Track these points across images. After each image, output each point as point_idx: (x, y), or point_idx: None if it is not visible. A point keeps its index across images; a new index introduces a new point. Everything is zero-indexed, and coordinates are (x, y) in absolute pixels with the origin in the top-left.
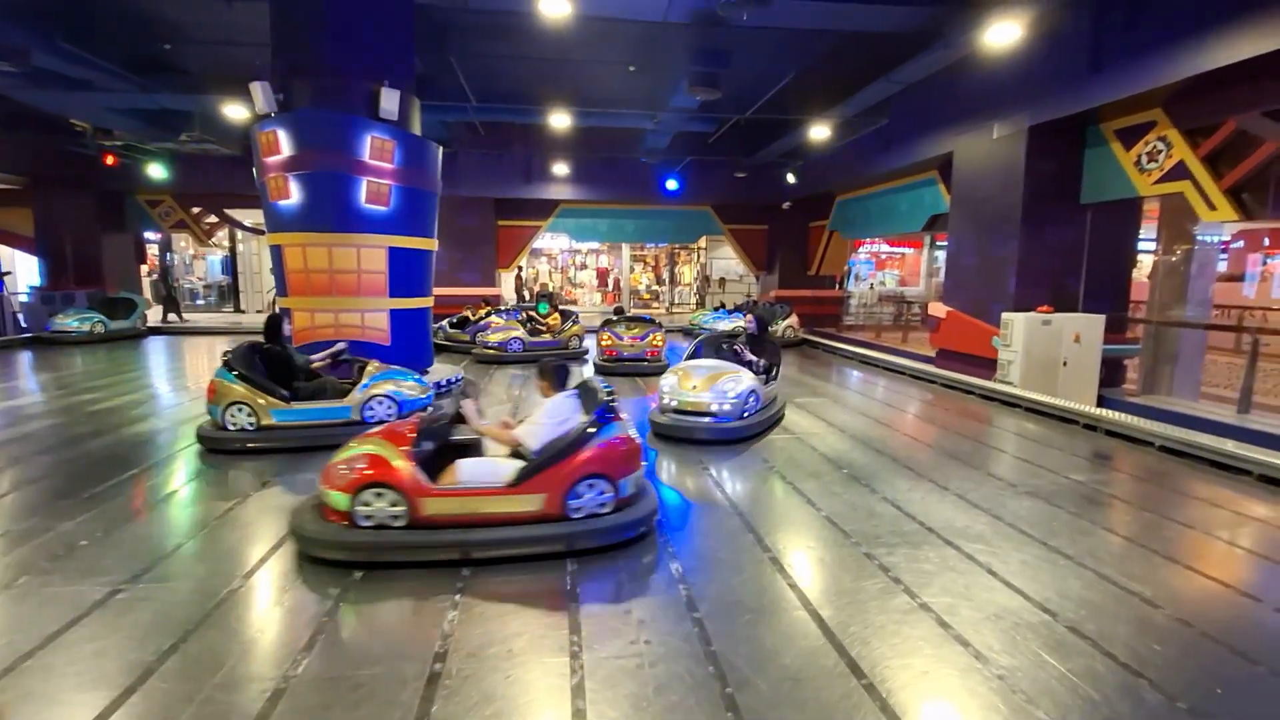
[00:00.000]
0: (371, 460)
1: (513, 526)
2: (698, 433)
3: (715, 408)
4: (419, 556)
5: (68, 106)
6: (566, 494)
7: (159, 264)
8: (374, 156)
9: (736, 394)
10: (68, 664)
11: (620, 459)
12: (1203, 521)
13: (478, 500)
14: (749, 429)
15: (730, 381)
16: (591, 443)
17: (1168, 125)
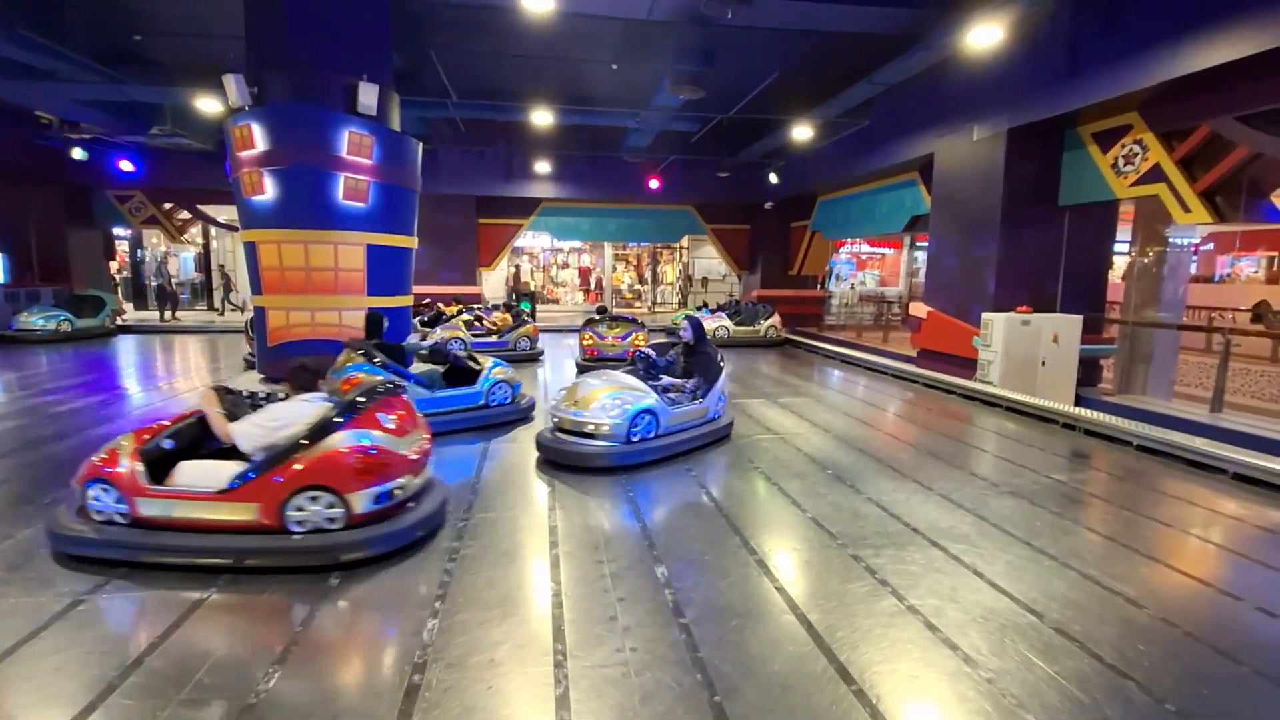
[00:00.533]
0: (107, 454)
1: (231, 535)
2: (592, 459)
3: (592, 428)
4: (140, 558)
5: (33, 98)
6: (282, 505)
7: (155, 261)
8: (352, 152)
9: (620, 413)
10: (25, 680)
11: (349, 472)
12: (1181, 520)
13: (192, 505)
14: (649, 453)
15: (616, 398)
16: (311, 451)
17: (1144, 129)
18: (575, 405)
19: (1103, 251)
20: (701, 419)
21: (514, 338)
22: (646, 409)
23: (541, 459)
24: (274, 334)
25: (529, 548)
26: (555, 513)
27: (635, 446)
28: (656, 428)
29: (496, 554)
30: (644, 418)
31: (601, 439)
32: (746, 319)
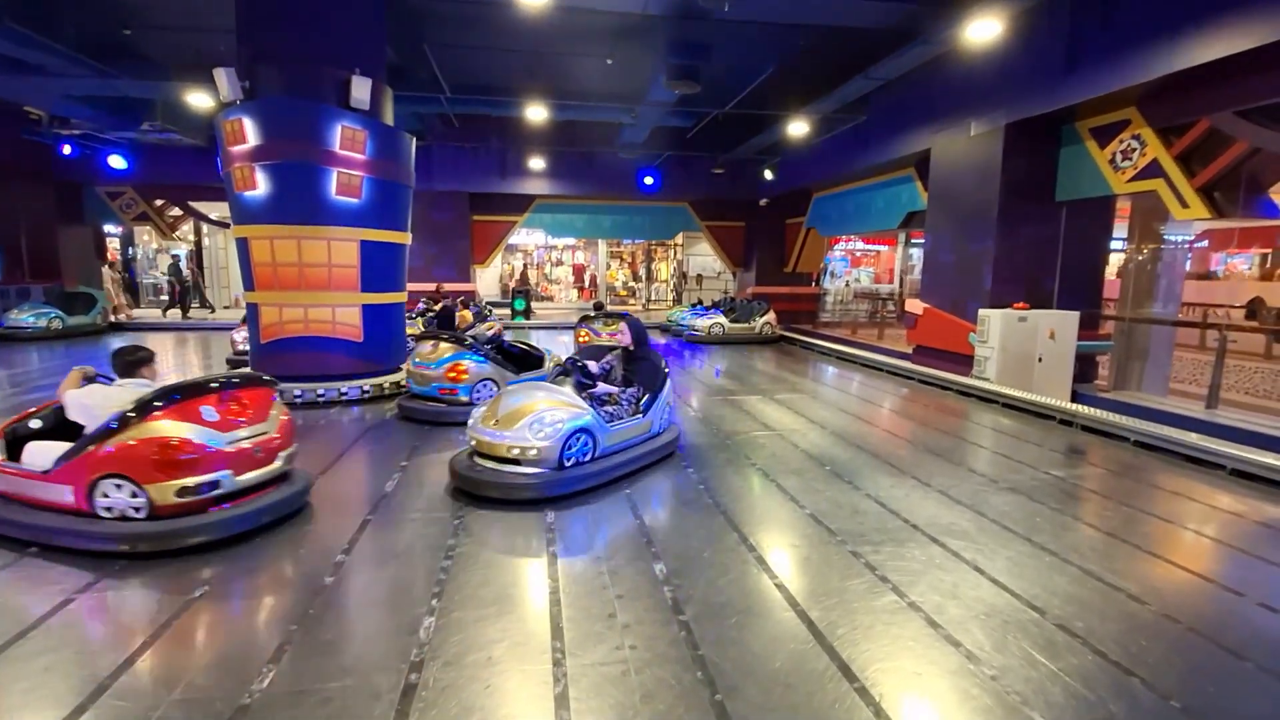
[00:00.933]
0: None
1: (57, 515)
2: (516, 490)
3: (518, 452)
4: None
5: (21, 93)
6: (89, 489)
7: (173, 259)
8: (345, 147)
9: (552, 433)
10: (13, 681)
11: (146, 463)
12: (1180, 515)
13: (25, 483)
14: (585, 480)
15: (546, 416)
16: (117, 438)
17: (1142, 124)
18: (497, 424)
19: (1099, 248)
20: (644, 435)
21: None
22: (582, 428)
23: (454, 488)
24: (267, 331)
25: (525, 545)
26: (551, 509)
27: (568, 472)
28: (593, 449)
29: (492, 551)
30: (579, 438)
31: (528, 465)
32: (742, 316)
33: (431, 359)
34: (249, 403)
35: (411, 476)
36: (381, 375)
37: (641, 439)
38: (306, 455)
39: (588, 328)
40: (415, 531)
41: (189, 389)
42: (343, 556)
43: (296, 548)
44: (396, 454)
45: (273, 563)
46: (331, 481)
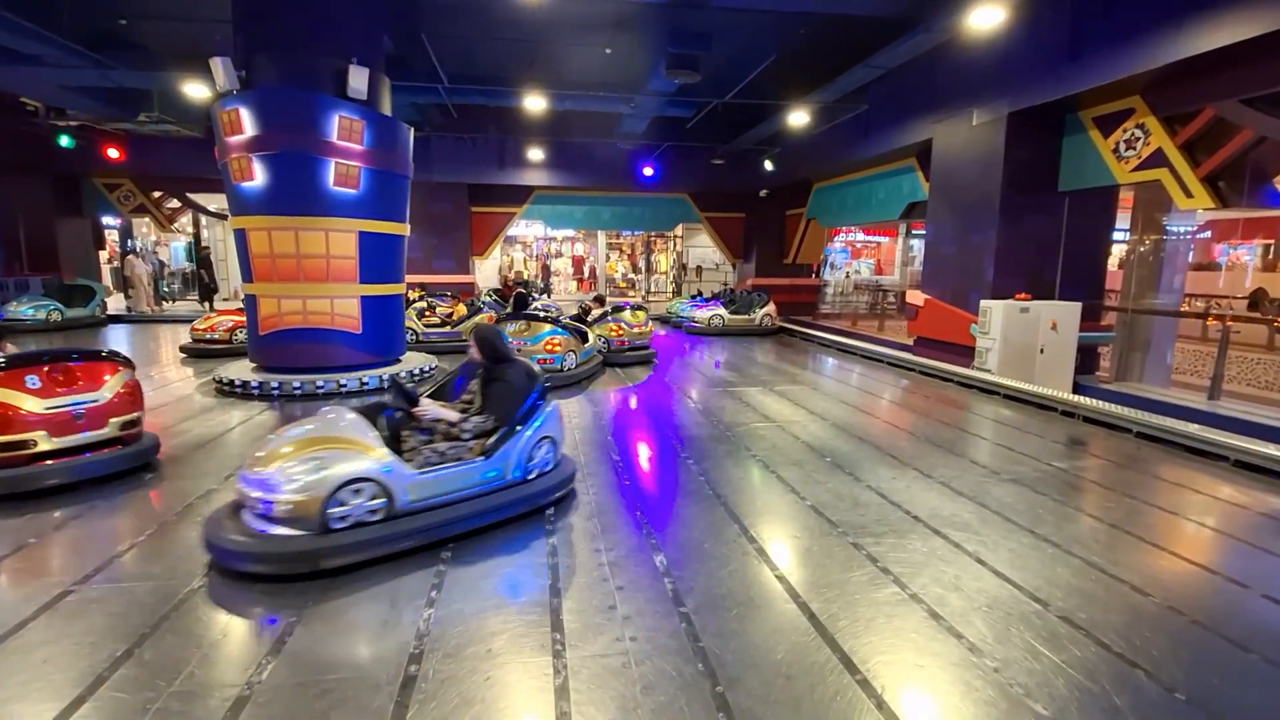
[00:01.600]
0: None
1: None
2: (255, 560)
3: (260, 507)
4: None
5: (17, 84)
6: None
7: (203, 249)
8: (342, 137)
9: (308, 485)
10: (12, 673)
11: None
12: (1183, 507)
13: None
14: (370, 547)
15: (305, 459)
16: None
17: (1146, 112)
18: (254, 467)
19: (1102, 238)
20: (493, 481)
21: (467, 328)
22: (361, 476)
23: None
24: (265, 322)
25: (525, 537)
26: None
27: (339, 538)
28: (389, 504)
29: (493, 543)
30: (356, 490)
31: (282, 524)
32: (741, 308)
33: (527, 336)
34: (80, 374)
35: None
36: (380, 367)
37: (483, 488)
38: None
39: (618, 320)
40: None
41: (20, 360)
42: None
43: None
44: None
45: None
46: None
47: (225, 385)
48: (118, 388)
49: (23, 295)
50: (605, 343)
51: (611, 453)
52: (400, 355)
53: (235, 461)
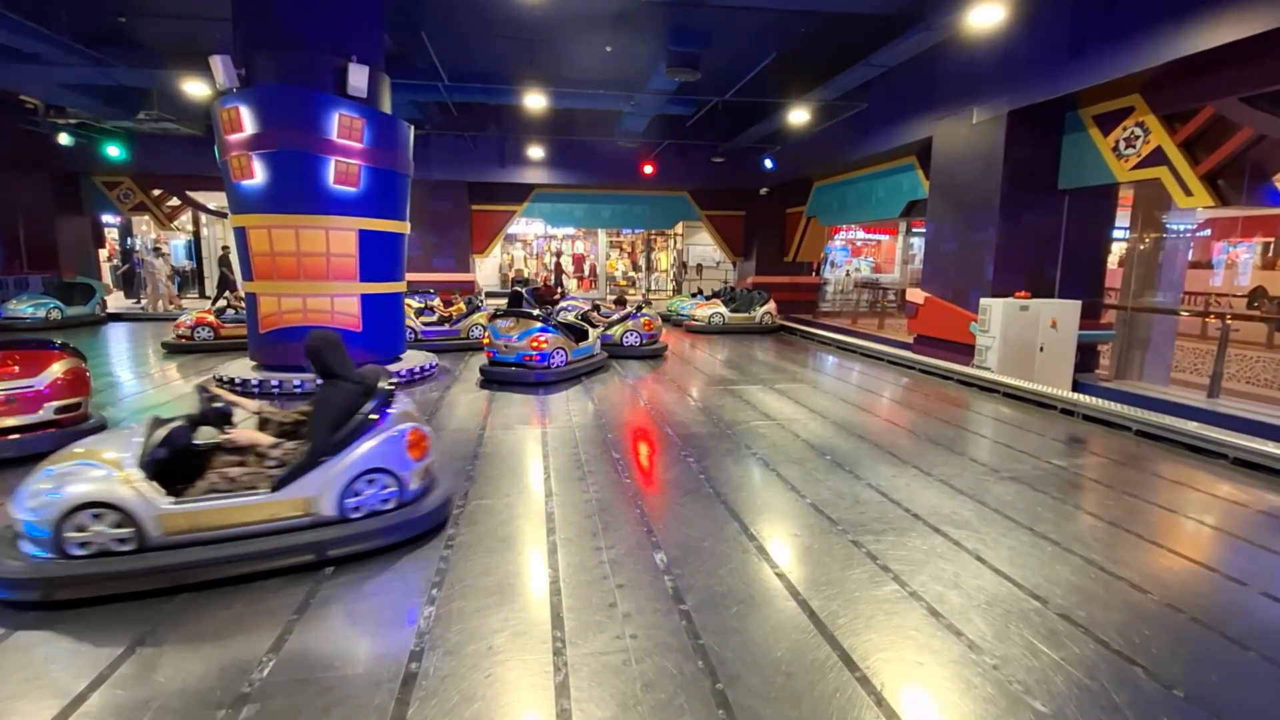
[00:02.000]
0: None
1: None
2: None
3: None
4: None
5: (17, 81)
6: None
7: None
8: (342, 135)
9: (39, 507)
10: (12, 670)
11: None
12: (1183, 505)
13: None
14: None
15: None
16: None
17: (1146, 111)
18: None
19: (1102, 236)
20: (292, 520)
21: (465, 326)
22: (97, 500)
23: None
24: (265, 321)
25: (526, 535)
26: (552, 500)
27: (74, 567)
28: (138, 534)
29: (493, 540)
30: (100, 516)
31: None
32: (742, 306)
33: (514, 332)
34: (18, 361)
35: None
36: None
37: (272, 527)
38: None
39: (649, 316)
40: None
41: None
42: None
43: None
44: None
45: None
46: None
47: (225, 383)
48: (57, 374)
49: (22, 293)
50: (639, 337)
51: (612, 450)
52: (400, 354)
53: None
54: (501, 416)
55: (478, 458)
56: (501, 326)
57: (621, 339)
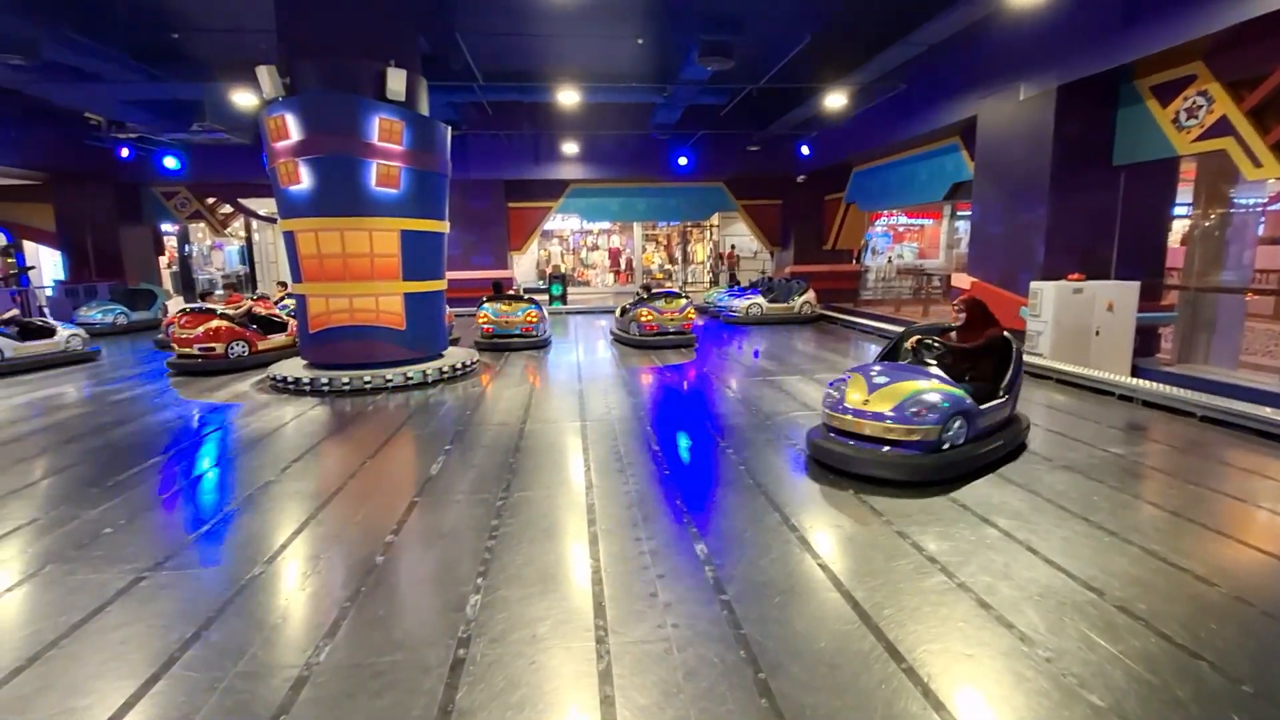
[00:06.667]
0: None
1: None
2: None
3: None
4: None
5: (80, 99)
6: None
7: None
8: (383, 138)
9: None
10: (92, 653)
11: None
12: (1252, 493)
13: None
14: None
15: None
16: None
17: (1209, 78)
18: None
19: (1162, 214)
20: None
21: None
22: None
23: None
24: (315, 321)
25: (567, 526)
26: (593, 491)
27: None
28: None
29: (535, 531)
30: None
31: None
32: (780, 296)
33: (511, 311)
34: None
35: (455, 460)
36: (424, 362)
37: None
38: (354, 441)
39: (649, 306)
40: (460, 513)
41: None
42: (392, 537)
43: (348, 528)
44: (441, 438)
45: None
46: (379, 465)
47: (279, 382)
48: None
49: (91, 300)
50: (638, 328)
51: (650, 443)
52: (443, 350)
53: (290, 455)
54: (542, 410)
55: (519, 450)
56: (498, 308)
57: (628, 329)
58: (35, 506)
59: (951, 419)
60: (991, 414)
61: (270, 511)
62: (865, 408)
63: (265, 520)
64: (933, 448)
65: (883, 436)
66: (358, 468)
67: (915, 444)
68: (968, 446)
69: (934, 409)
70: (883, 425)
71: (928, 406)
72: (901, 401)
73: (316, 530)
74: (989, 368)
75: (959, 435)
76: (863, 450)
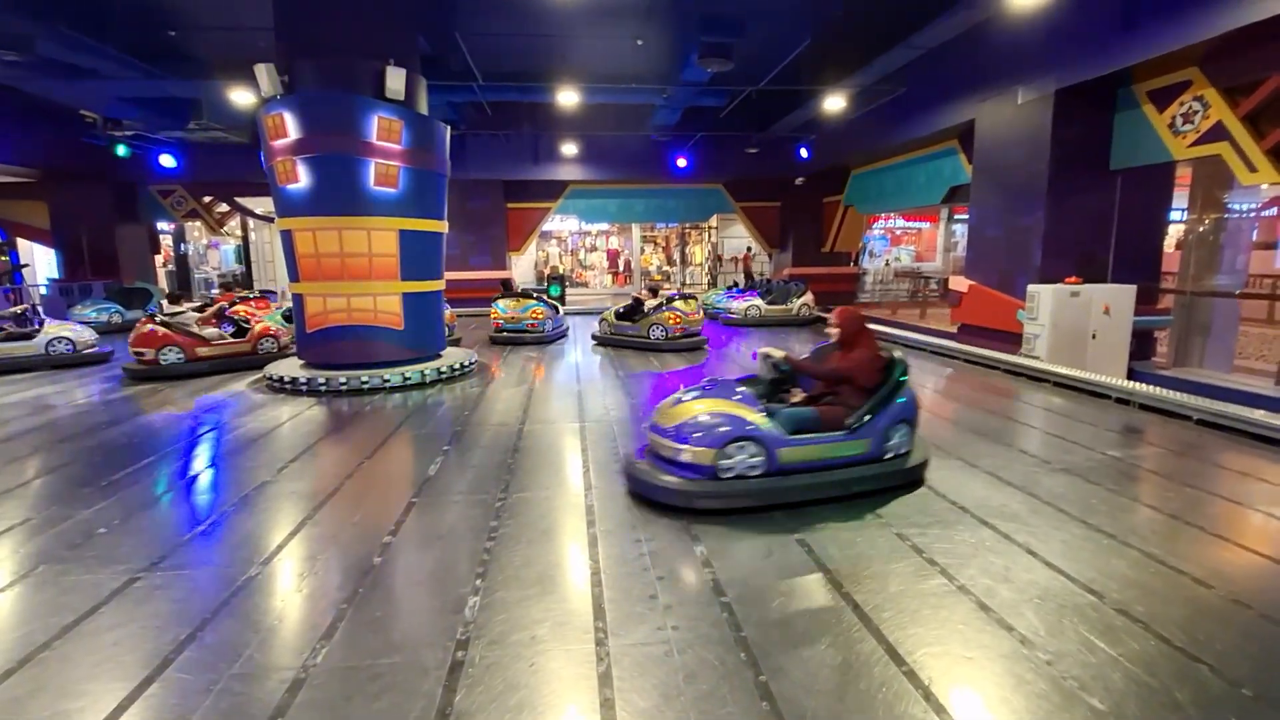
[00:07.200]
0: None
1: None
2: None
3: None
4: None
5: (76, 96)
6: None
7: None
8: (381, 137)
9: None
10: (85, 654)
11: None
12: (1249, 496)
13: None
14: None
15: None
16: None
17: (1205, 84)
18: None
19: (1158, 218)
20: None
21: (645, 324)
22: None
23: None
24: (312, 320)
25: (566, 527)
26: (592, 493)
27: None
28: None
29: (534, 532)
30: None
31: None
32: (778, 298)
33: (519, 307)
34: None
35: (454, 460)
36: (422, 362)
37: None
38: (351, 441)
39: (673, 310)
40: (458, 513)
41: None
42: (389, 538)
43: (345, 528)
44: (439, 439)
45: (325, 544)
46: (376, 465)
47: (276, 382)
48: None
49: (86, 299)
50: (665, 330)
51: None
52: (441, 350)
53: (287, 455)
54: (541, 411)
55: (518, 451)
56: (506, 305)
57: (648, 332)
58: (27, 506)
59: (733, 444)
60: (823, 447)
61: (266, 512)
62: (658, 423)
63: (261, 521)
64: (710, 474)
65: (671, 458)
66: (355, 468)
67: (691, 467)
68: (768, 480)
69: (707, 432)
70: (666, 444)
71: (702, 428)
72: (683, 421)
73: (313, 531)
74: (858, 395)
75: (754, 466)
76: (651, 469)
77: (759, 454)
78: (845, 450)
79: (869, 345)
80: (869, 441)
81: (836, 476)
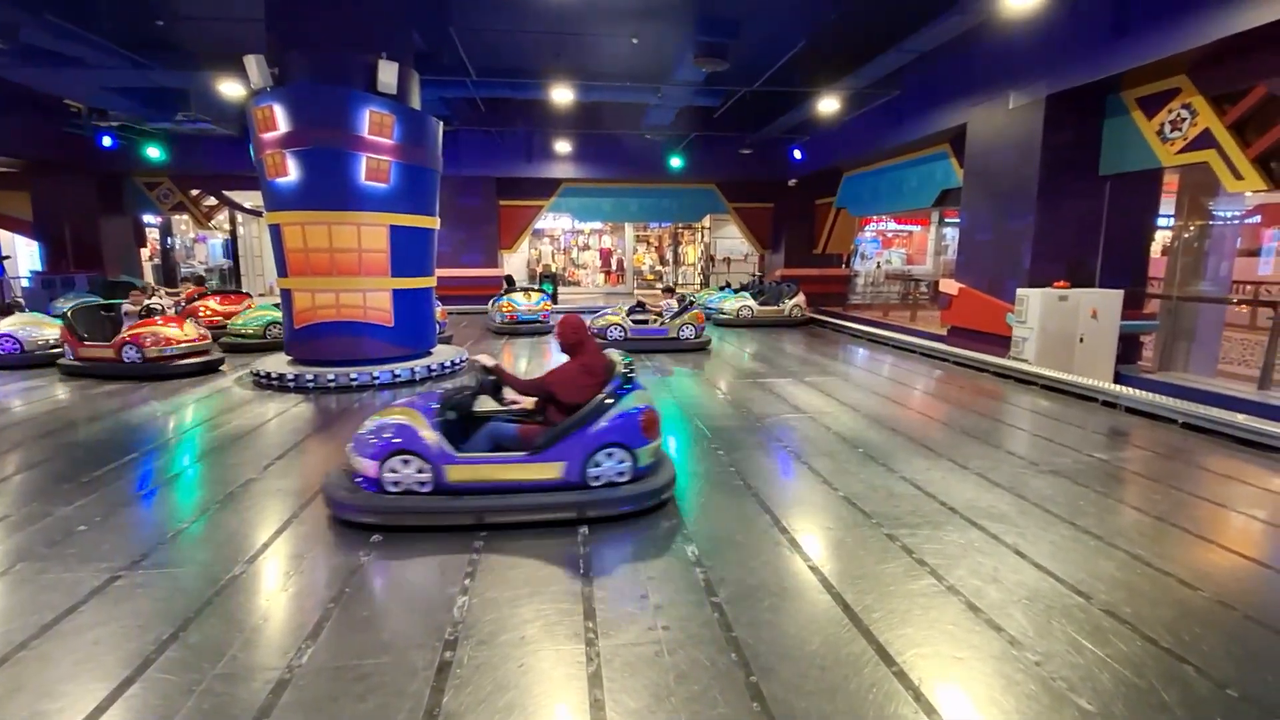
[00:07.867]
0: None
1: None
2: None
3: None
4: None
5: (61, 85)
6: None
7: None
8: (373, 132)
9: None
10: (64, 654)
11: None
12: (1233, 499)
13: None
14: None
15: None
16: None
17: (1193, 92)
18: None
19: (1145, 224)
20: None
21: (675, 325)
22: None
23: None
24: (300, 316)
25: (556, 527)
26: None
27: None
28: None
29: (524, 532)
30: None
31: None
32: (770, 299)
33: (531, 299)
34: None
35: None
36: (412, 359)
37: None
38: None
39: (700, 308)
40: None
41: None
42: (377, 536)
43: (332, 526)
44: None
45: (311, 542)
46: None
47: (262, 378)
48: None
49: (69, 291)
50: (694, 330)
51: None
52: (431, 348)
53: (273, 452)
54: None
55: None
56: (520, 298)
57: (679, 333)
58: (5, 503)
59: (397, 457)
60: (500, 468)
61: (252, 509)
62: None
63: (246, 518)
64: (376, 487)
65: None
66: None
67: (365, 479)
68: (436, 499)
69: (364, 443)
70: (349, 451)
71: (371, 439)
72: (364, 429)
73: (299, 529)
74: (560, 412)
75: (423, 482)
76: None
77: (428, 471)
78: (531, 473)
79: (588, 356)
80: (563, 466)
81: (523, 501)
